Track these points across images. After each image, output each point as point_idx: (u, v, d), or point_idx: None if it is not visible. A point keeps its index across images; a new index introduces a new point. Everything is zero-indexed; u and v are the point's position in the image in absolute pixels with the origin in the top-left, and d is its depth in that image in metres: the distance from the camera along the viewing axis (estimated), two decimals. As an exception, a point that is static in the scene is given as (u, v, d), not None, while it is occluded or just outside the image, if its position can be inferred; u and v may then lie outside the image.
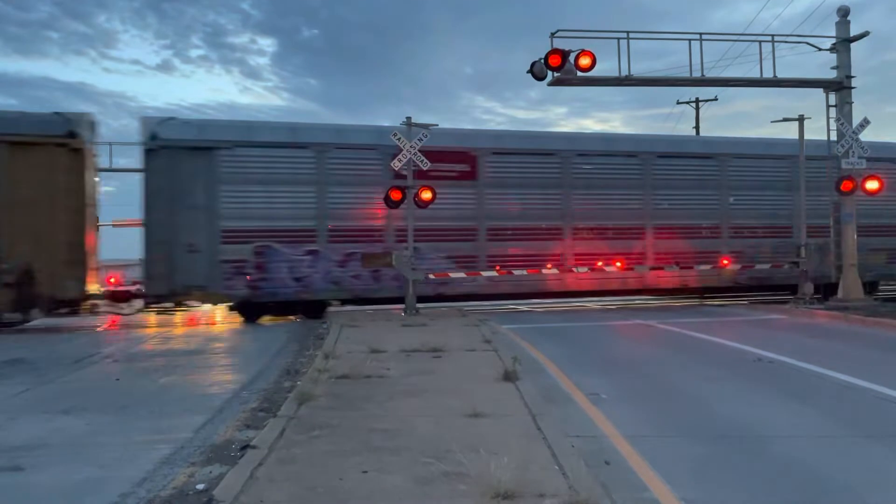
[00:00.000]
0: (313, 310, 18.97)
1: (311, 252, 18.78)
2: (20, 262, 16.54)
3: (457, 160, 19.95)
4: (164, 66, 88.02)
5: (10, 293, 16.64)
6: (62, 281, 16.88)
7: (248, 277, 18.29)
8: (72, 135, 17.16)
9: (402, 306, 18.87)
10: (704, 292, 23.24)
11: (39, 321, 18.14)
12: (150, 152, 17.92)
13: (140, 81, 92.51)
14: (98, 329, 18.41)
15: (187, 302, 18.81)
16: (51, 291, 16.90)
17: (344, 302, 19.89)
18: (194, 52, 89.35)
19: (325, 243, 18.93)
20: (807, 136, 21.35)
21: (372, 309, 20.24)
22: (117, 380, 10.59)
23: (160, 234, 17.91)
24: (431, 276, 19.36)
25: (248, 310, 18.83)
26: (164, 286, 17.92)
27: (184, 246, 17.92)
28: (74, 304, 17.86)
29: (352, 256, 18.96)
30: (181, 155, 17.95)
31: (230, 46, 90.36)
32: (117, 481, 5.79)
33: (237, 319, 19.58)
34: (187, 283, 17.96)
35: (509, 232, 20.62)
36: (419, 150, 18.24)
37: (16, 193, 16.62)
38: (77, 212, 17.19)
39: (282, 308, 19.01)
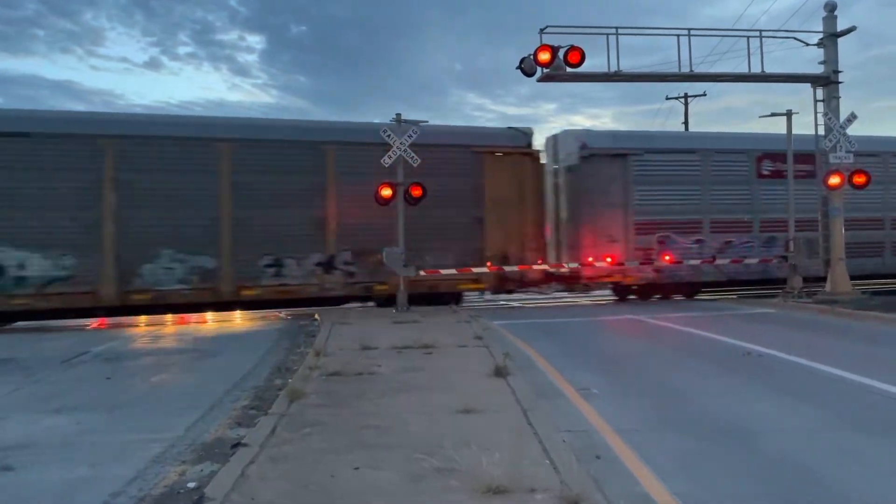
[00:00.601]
0: (690, 292, 22.15)
1: (698, 241, 21.79)
2: (499, 250, 20.22)
3: (802, 161, 22.01)
4: (152, 64, 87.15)
5: (493, 276, 20.22)
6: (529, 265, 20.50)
7: (653, 263, 21.40)
8: (530, 145, 20.95)
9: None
10: None
11: (32, 322, 18.05)
12: (582, 159, 21.07)
13: (128, 79, 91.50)
14: (88, 328, 18.34)
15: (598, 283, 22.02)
16: (520, 274, 20.41)
17: (711, 285, 22.49)
18: (182, 50, 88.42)
19: (707, 233, 21.86)
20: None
21: (360, 306, 20.27)
22: (108, 378, 10.54)
23: (586, 227, 21.23)
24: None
25: (649, 291, 21.99)
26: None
27: (606, 237, 21.01)
28: (536, 283, 21.39)
29: (727, 245, 21.84)
30: (603, 161, 21.10)
31: (218, 44, 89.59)
32: (108, 480, 5.78)
33: (232, 318, 19.55)
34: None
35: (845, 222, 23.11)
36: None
37: (494, 194, 20.19)
38: (537, 208, 20.87)
39: (657, 289, 22.06)
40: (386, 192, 18.26)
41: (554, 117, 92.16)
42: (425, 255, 19.35)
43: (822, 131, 19.70)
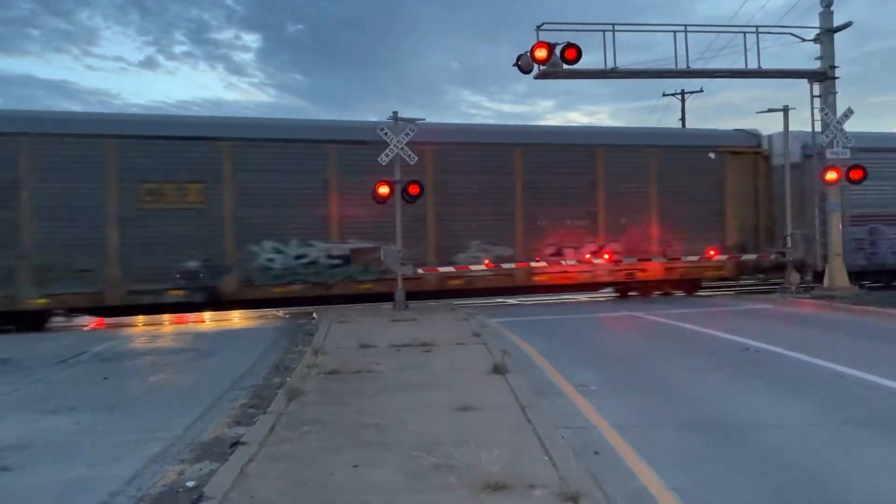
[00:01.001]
0: (892, 278, 23.44)
1: None
2: (736, 240, 22.32)
3: None
4: (148, 63, 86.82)
5: (732, 264, 22.29)
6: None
7: (865, 252, 22.91)
8: (760, 145, 22.81)
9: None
10: None
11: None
12: (805, 158, 22.40)
13: (123, 79, 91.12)
14: (86, 328, 18.33)
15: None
16: (755, 264, 22.44)
17: None
18: (178, 49, 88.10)
19: None
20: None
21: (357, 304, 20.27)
22: (105, 378, 10.52)
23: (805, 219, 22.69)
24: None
25: (859, 277, 22.57)
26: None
27: (822, 228, 21.87)
28: (767, 271, 23.26)
29: None
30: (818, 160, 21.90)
31: (214, 42, 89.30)
32: (107, 480, 5.77)
33: (230, 317, 19.54)
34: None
35: None
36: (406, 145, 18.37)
37: (731, 190, 22.30)
38: (767, 203, 22.72)
39: (865, 276, 23.05)
40: (384, 190, 18.30)
41: (551, 114, 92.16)
42: (675, 244, 21.70)
43: (818, 127, 19.72)
